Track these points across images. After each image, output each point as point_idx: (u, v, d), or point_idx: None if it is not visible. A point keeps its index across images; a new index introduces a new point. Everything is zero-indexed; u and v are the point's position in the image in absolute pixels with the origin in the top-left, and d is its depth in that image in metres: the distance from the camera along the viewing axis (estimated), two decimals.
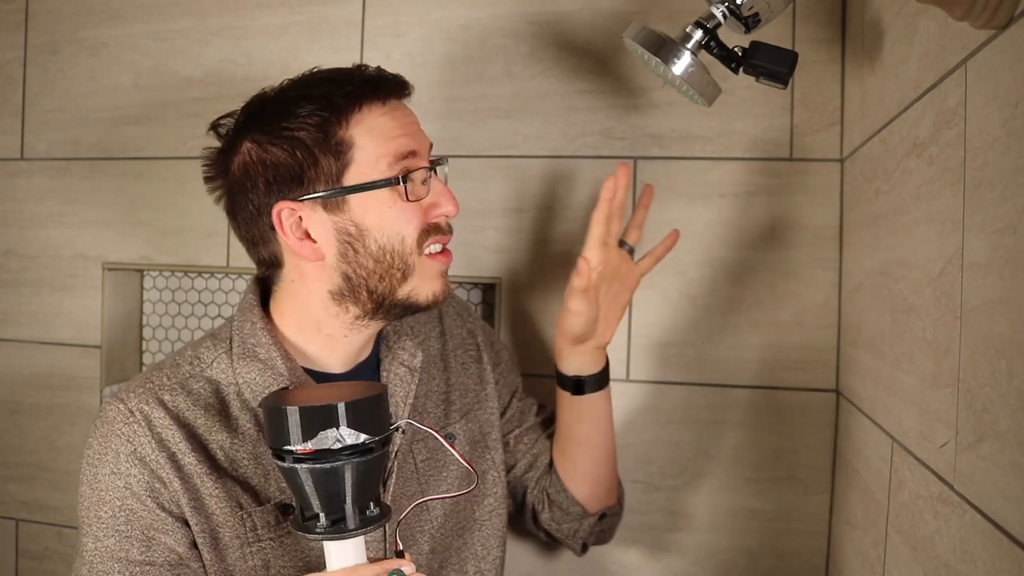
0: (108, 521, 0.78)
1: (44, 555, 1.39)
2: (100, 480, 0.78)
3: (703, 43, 0.82)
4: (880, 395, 0.90)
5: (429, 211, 0.83)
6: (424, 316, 0.99)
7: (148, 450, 0.77)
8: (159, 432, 0.78)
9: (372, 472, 0.63)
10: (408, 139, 0.83)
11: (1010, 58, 0.57)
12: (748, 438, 1.16)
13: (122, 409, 0.79)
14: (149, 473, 0.77)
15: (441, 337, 1.00)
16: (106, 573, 0.77)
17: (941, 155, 0.71)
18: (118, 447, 0.78)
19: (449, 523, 0.90)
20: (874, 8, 0.96)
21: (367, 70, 0.84)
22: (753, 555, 1.17)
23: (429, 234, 0.83)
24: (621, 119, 1.19)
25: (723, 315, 1.16)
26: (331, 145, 0.80)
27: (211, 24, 1.31)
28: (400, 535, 0.84)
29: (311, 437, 0.59)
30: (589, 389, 0.98)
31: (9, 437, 1.41)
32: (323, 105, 0.81)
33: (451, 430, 0.94)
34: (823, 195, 1.13)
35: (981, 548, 0.59)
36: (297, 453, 0.59)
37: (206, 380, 0.83)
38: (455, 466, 0.92)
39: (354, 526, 0.62)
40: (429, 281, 0.84)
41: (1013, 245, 0.55)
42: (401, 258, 0.82)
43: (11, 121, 1.40)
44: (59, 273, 1.38)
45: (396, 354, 0.91)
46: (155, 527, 0.77)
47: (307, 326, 0.86)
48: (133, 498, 0.77)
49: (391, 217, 0.81)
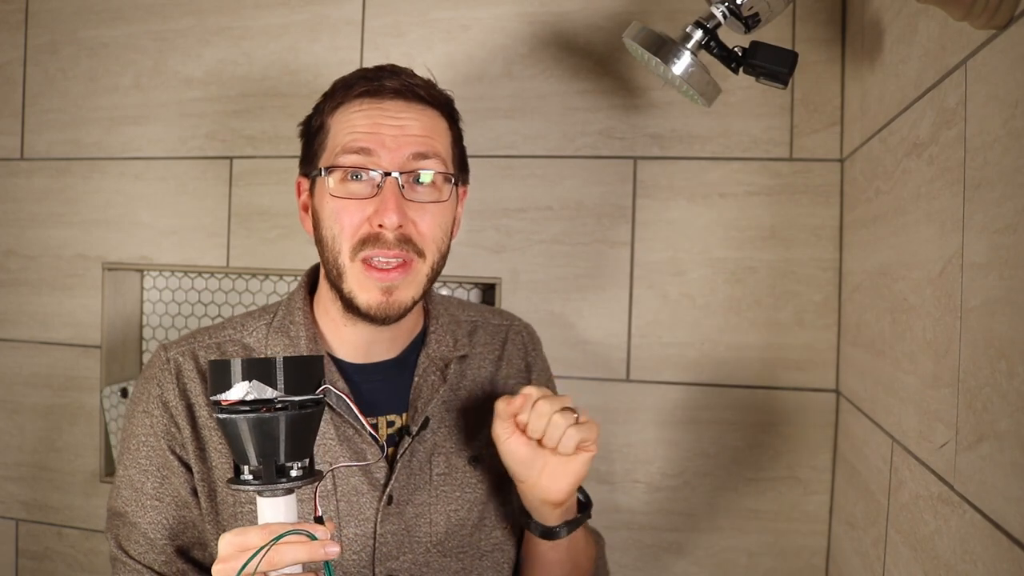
0: (133, 453, 0.85)
1: (44, 555, 1.39)
2: (135, 416, 0.86)
3: (703, 43, 0.82)
4: (880, 395, 0.90)
5: (372, 217, 0.80)
6: (487, 336, 0.97)
7: (171, 396, 0.84)
8: (184, 382, 0.85)
9: (303, 429, 0.65)
10: (366, 137, 0.80)
11: (1010, 58, 0.57)
12: (748, 438, 1.16)
13: (162, 356, 0.86)
14: (168, 418, 0.84)
15: (498, 361, 0.96)
16: (125, 498, 0.85)
17: (941, 155, 0.71)
18: (151, 389, 0.85)
19: (450, 542, 0.87)
20: (874, 8, 0.96)
21: (387, 69, 0.85)
22: (753, 555, 1.17)
23: (366, 244, 0.80)
24: (621, 119, 1.19)
25: (723, 315, 1.16)
26: (315, 127, 0.86)
27: (211, 24, 1.31)
28: (395, 538, 0.83)
29: (250, 388, 0.63)
30: (535, 532, 0.87)
31: (9, 437, 1.41)
32: (328, 93, 0.87)
33: (478, 453, 0.90)
34: (823, 195, 1.13)
35: (981, 548, 0.59)
36: (233, 402, 0.63)
37: (241, 345, 0.88)
38: (471, 490, 0.89)
39: (283, 481, 0.64)
40: (364, 291, 0.81)
41: (1013, 245, 0.55)
42: (334, 256, 0.82)
43: (11, 121, 1.40)
44: (59, 273, 1.38)
45: (433, 360, 0.90)
46: (167, 467, 0.84)
47: (322, 308, 0.89)
48: (154, 437, 0.84)
49: (328, 210, 0.82)
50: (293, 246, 1.28)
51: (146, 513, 0.83)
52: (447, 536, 0.87)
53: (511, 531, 0.93)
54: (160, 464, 0.84)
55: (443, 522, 0.87)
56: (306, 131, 0.88)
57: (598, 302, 1.20)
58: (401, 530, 0.84)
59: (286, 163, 1.28)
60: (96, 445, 1.35)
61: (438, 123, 0.86)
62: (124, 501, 0.84)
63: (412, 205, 0.81)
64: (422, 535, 0.85)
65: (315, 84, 1.28)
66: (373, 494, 0.83)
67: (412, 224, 0.81)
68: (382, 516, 0.83)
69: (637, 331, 1.19)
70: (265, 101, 1.29)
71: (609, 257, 1.19)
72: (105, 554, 1.36)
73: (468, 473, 0.89)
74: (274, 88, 1.29)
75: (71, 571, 1.38)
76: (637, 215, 1.19)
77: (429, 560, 0.86)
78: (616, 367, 1.19)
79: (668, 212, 1.17)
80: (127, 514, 0.84)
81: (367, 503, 0.83)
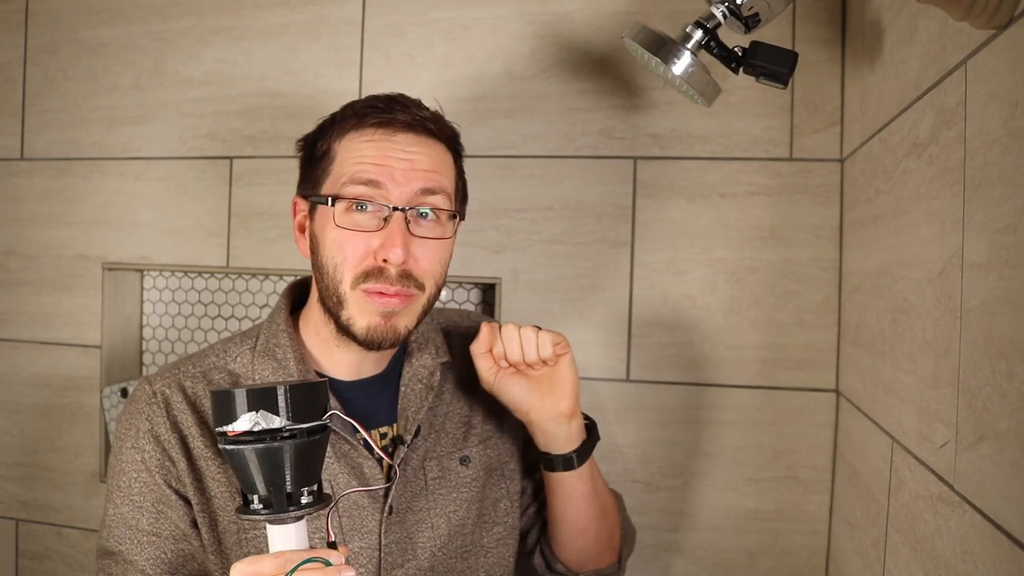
0: (125, 490, 0.83)
1: (44, 555, 1.39)
2: (123, 452, 0.84)
3: (703, 43, 0.82)
4: (880, 395, 0.90)
5: (378, 251, 0.80)
6: (459, 339, 0.97)
7: (163, 430, 0.83)
8: (175, 415, 0.83)
9: (311, 456, 0.65)
10: (375, 168, 0.80)
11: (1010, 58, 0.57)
12: (748, 438, 1.16)
13: (147, 390, 0.85)
14: (161, 451, 0.82)
15: (471, 364, 0.96)
16: (118, 537, 0.83)
17: (941, 155, 0.71)
18: (139, 424, 0.83)
19: (454, 543, 0.88)
20: (874, 8, 0.96)
21: (399, 101, 0.84)
22: (753, 555, 1.17)
23: (368, 277, 0.80)
24: (621, 119, 1.19)
25: (723, 315, 1.16)
26: (320, 152, 0.84)
27: (211, 24, 1.31)
28: (399, 547, 0.84)
29: (257, 418, 0.62)
30: (558, 467, 0.91)
31: (9, 437, 1.41)
32: (337, 117, 0.85)
33: (467, 453, 0.91)
34: (823, 195, 1.13)
35: (981, 548, 0.59)
36: (239, 433, 0.62)
37: (227, 372, 0.87)
38: (466, 489, 0.90)
39: (292, 509, 0.64)
40: (364, 315, 0.81)
41: (1013, 245, 0.55)
42: (335, 284, 0.81)
43: (11, 121, 1.40)
44: (59, 273, 1.38)
45: (417, 370, 0.91)
46: (163, 501, 0.82)
47: (311, 328, 0.88)
48: (147, 472, 0.83)
49: (330, 240, 0.81)
50: (293, 246, 1.28)
51: (143, 550, 0.81)
52: (450, 538, 0.87)
53: (511, 525, 0.94)
54: (155, 499, 0.82)
55: (444, 525, 0.87)
56: (308, 152, 0.87)
57: (598, 302, 1.20)
58: (404, 538, 0.84)
59: (286, 163, 1.28)
60: (96, 445, 1.35)
61: (445, 158, 0.86)
62: (117, 540, 0.82)
63: (415, 240, 0.81)
64: (425, 540, 0.86)
65: (315, 84, 1.28)
66: (374, 507, 0.84)
67: (414, 260, 0.81)
68: (385, 527, 0.83)
69: (637, 331, 1.19)
70: (265, 101, 1.29)
71: (609, 257, 1.19)
72: None
73: (460, 473, 0.90)
74: (274, 88, 1.29)
75: (71, 571, 1.38)
76: (637, 215, 1.19)
77: (434, 564, 0.86)
78: (616, 367, 1.19)
79: (668, 212, 1.17)
80: (121, 553, 0.82)
81: (369, 516, 0.83)
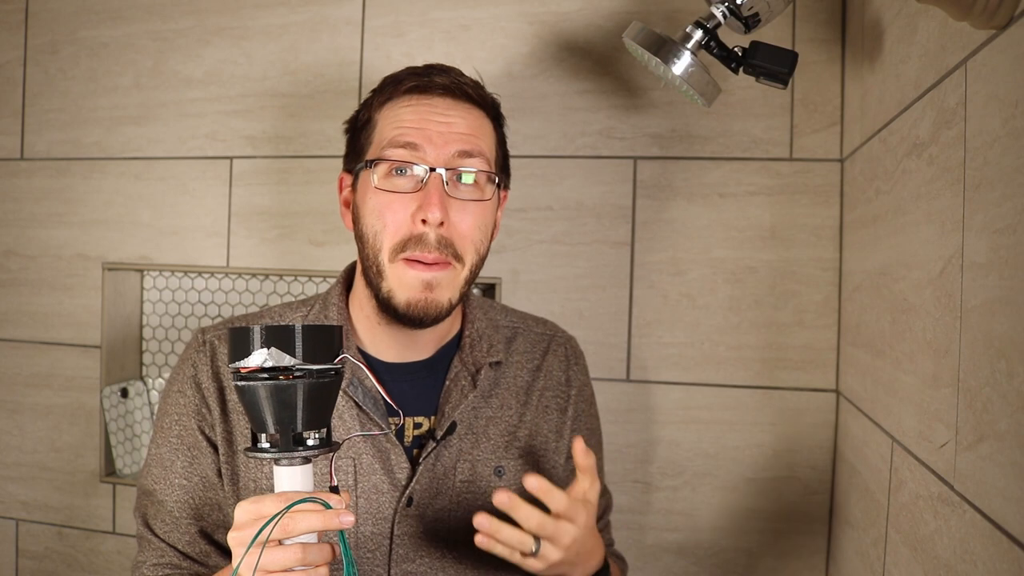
0: (165, 432, 0.86)
1: (44, 555, 1.39)
2: (169, 395, 0.87)
3: (703, 43, 0.82)
4: (880, 395, 0.90)
5: (416, 213, 0.79)
6: (527, 344, 0.94)
7: (204, 377, 0.85)
8: (218, 365, 0.86)
9: (321, 398, 0.65)
10: (413, 132, 0.81)
11: (1010, 58, 0.57)
12: (748, 438, 1.16)
13: (199, 338, 0.88)
14: (200, 398, 0.85)
15: (536, 371, 0.94)
16: (155, 476, 0.86)
17: (941, 155, 0.71)
18: (186, 370, 0.87)
19: (469, 550, 0.81)
20: (874, 8, 0.96)
21: (437, 67, 0.85)
22: (753, 555, 1.17)
23: (407, 245, 0.79)
24: (621, 119, 1.19)
25: (723, 315, 1.16)
26: (362, 122, 0.86)
27: (211, 24, 1.31)
28: (412, 541, 0.82)
29: (268, 355, 0.62)
30: None
31: (9, 437, 1.41)
32: (376, 88, 0.87)
33: (504, 464, 0.88)
34: (823, 195, 1.13)
35: (981, 548, 0.59)
36: (252, 369, 0.63)
37: None
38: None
39: (299, 450, 0.64)
40: (404, 288, 0.80)
41: (1013, 245, 0.55)
42: (375, 252, 0.81)
43: (11, 121, 1.40)
44: (59, 273, 1.38)
45: (467, 365, 0.89)
46: (196, 447, 0.85)
47: (356, 304, 0.89)
48: (186, 416, 0.85)
49: (370, 207, 0.81)
50: (293, 246, 1.28)
51: (173, 492, 0.84)
52: (466, 544, 0.84)
53: None
54: (191, 444, 0.85)
55: (463, 530, 0.84)
56: (352, 127, 0.89)
57: (598, 302, 1.20)
58: (419, 533, 0.83)
59: (286, 163, 1.28)
60: (96, 445, 1.35)
61: (484, 123, 0.86)
62: (154, 479, 0.85)
63: (454, 203, 0.81)
64: (440, 541, 0.84)
65: (315, 84, 1.28)
66: (393, 494, 0.83)
67: (452, 225, 0.80)
68: (400, 517, 0.83)
69: (637, 331, 1.19)
70: (265, 101, 1.29)
71: (609, 257, 1.19)
72: (105, 554, 1.36)
73: (492, 482, 0.87)
74: (274, 88, 1.29)
75: (71, 571, 1.38)
76: (637, 215, 1.19)
77: (445, 566, 0.85)
78: (616, 367, 1.19)
79: (668, 212, 1.17)
80: (155, 492, 0.85)
81: (386, 502, 0.83)
